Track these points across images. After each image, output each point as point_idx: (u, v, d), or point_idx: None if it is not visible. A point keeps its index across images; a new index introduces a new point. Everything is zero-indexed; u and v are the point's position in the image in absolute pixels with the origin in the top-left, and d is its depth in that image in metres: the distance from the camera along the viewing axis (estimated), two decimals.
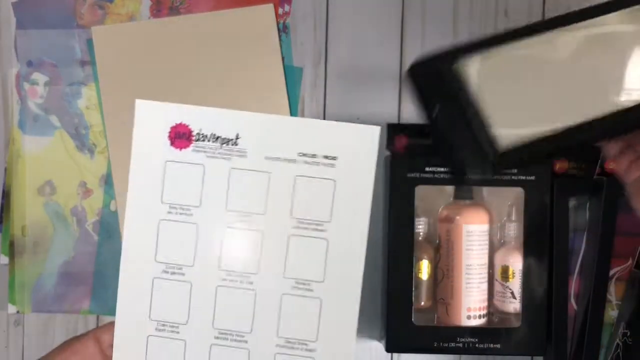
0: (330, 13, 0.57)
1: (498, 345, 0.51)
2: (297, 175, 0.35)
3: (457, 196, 0.53)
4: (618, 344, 0.52)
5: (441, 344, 0.52)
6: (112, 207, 0.57)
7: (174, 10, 0.57)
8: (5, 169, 0.57)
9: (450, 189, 0.54)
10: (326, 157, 0.35)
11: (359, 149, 0.35)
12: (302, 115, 0.56)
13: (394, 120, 0.56)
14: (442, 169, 0.52)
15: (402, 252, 0.52)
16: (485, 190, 0.54)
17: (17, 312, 0.57)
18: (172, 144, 0.35)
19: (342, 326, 0.35)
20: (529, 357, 0.56)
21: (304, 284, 0.35)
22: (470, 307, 0.52)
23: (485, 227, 0.52)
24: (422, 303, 0.53)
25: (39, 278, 0.57)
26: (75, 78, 0.57)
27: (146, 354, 0.36)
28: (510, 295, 0.52)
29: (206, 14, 0.57)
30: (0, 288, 0.57)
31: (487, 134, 0.41)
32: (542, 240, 0.52)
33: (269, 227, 0.35)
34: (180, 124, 0.35)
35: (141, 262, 0.36)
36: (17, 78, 0.57)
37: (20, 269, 0.57)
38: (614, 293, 0.53)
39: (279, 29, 0.57)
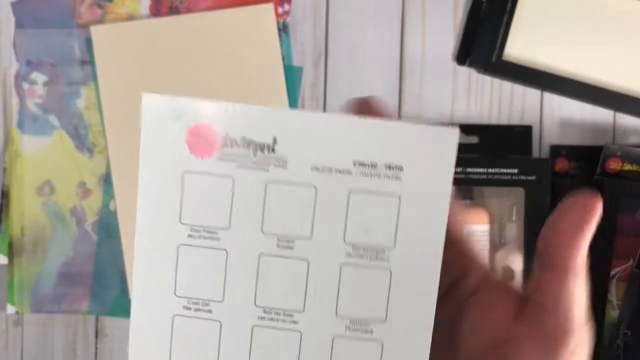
0: (330, 13, 0.57)
1: None
2: (352, 191, 0.28)
3: (457, 196, 0.53)
4: (619, 345, 0.52)
5: None
6: (112, 207, 0.57)
7: (173, 10, 0.57)
8: (4, 169, 0.57)
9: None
10: (389, 167, 0.28)
11: (431, 157, 0.28)
12: None
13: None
14: None
15: None
16: (486, 191, 0.54)
17: (17, 312, 0.57)
18: (192, 150, 0.28)
19: None
20: None
21: (361, 324, 0.29)
22: None
23: (485, 227, 0.52)
24: None
25: (38, 278, 0.57)
26: (75, 78, 0.57)
27: None
28: None
29: (206, 13, 0.57)
30: None
31: (504, 37, 0.51)
32: None
33: (317, 255, 0.29)
34: (201, 124, 0.28)
35: (157, 297, 0.29)
36: (16, 78, 0.57)
37: (19, 269, 0.57)
38: (614, 293, 0.53)
39: (278, 29, 0.57)
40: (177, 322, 0.29)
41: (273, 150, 0.28)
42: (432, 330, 0.28)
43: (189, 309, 0.29)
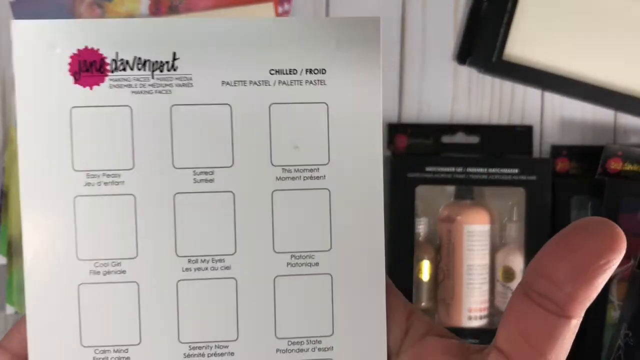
0: (330, 12, 0.57)
1: None
2: (272, 103, 0.24)
3: (458, 196, 0.53)
4: (620, 345, 0.52)
5: None
6: None
7: (173, 9, 0.57)
8: (4, 169, 0.57)
9: (451, 189, 0.53)
10: (310, 71, 0.24)
11: (355, 52, 0.24)
12: None
13: (394, 120, 0.56)
14: (442, 169, 0.52)
15: (403, 252, 0.52)
16: (486, 191, 0.54)
17: (16, 312, 0.57)
18: (77, 80, 0.24)
19: (366, 308, 0.24)
20: None
21: (304, 257, 0.24)
22: (471, 307, 0.51)
23: (486, 227, 0.52)
24: (423, 304, 0.52)
25: None
26: None
27: None
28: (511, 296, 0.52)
29: (205, 12, 0.57)
30: None
31: (504, 37, 0.51)
32: (543, 240, 0.51)
33: (242, 185, 0.24)
34: (85, 49, 0.23)
35: (55, 264, 0.24)
36: None
37: (18, 270, 0.57)
38: (615, 294, 0.52)
39: None
40: (84, 291, 0.24)
41: (174, 67, 0.24)
42: (384, 252, 0.24)
43: (97, 273, 0.24)
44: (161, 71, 0.24)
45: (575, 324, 0.18)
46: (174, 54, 0.24)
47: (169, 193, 0.24)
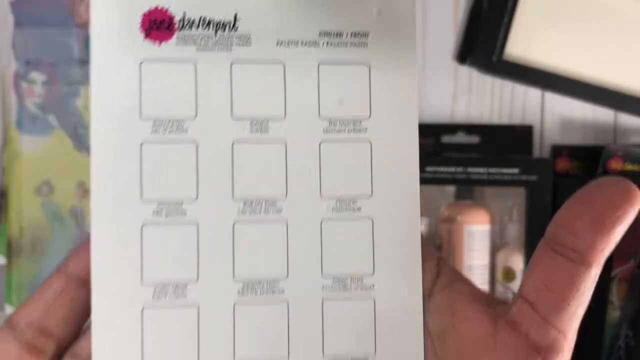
0: None
1: None
2: (320, 63, 0.27)
3: (458, 196, 0.53)
4: (620, 346, 0.52)
5: None
6: None
7: None
8: (3, 169, 0.57)
9: (451, 189, 0.53)
10: (355, 34, 0.27)
11: (394, 22, 0.27)
12: None
13: None
14: (442, 169, 0.52)
15: None
16: (487, 190, 0.53)
17: None
18: (148, 36, 0.26)
19: (404, 249, 0.27)
20: None
21: (347, 202, 0.27)
22: None
23: (486, 227, 0.52)
24: None
25: (37, 279, 0.57)
26: (73, 77, 0.57)
27: (142, 333, 0.25)
28: (512, 296, 0.52)
29: None
30: None
31: (505, 36, 0.51)
32: None
33: (294, 134, 0.27)
34: (155, 8, 0.26)
35: (120, 204, 0.25)
36: (15, 77, 0.57)
37: (17, 270, 0.57)
38: (616, 294, 0.52)
39: None
40: (147, 231, 0.26)
41: (235, 27, 0.26)
42: (419, 198, 0.27)
43: (160, 214, 0.26)
44: (223, 31, 0.26)
45: (595, 273, 0.20)
46: (236, 15, 0.26)
47: (228, 140, 0.26)
